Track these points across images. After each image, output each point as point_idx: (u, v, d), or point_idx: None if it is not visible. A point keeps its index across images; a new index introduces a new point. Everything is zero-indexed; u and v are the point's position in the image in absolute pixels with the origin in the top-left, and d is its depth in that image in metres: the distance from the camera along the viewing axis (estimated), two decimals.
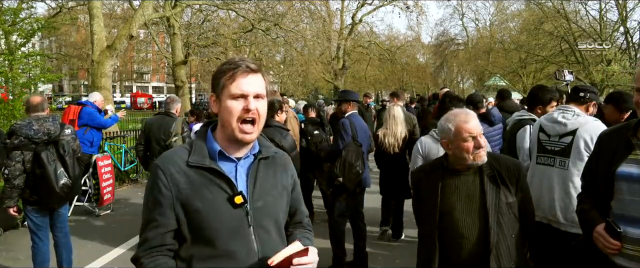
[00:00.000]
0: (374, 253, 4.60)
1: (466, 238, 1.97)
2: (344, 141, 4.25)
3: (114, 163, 7.83)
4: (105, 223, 6.13)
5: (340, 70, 29.20)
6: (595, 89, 3.16)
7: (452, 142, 2.04)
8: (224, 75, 1.38)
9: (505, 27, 36.14)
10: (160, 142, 4.95)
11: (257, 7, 18.29)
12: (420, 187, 2.20)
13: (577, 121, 2.69)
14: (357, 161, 4.19)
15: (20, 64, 10.16)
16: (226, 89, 1.37)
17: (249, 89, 1.37)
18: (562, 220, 2.66)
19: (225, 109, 1.37)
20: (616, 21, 28.01)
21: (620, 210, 1.78)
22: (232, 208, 1.37)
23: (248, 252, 1.39)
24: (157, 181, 1.38)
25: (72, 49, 31.10)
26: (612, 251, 1.74)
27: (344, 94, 4.79)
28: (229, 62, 1.41)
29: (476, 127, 2.02)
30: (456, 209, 2.01)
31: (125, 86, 58.80)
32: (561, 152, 2.72)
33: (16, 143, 3.56)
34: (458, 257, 2.01)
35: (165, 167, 1.38)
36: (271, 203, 1.46)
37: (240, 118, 1.36)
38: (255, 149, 1.48)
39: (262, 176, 1.46)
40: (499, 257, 1.92)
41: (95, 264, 4.58)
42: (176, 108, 5.22)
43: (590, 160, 2.03)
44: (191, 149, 1.42)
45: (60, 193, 3.66)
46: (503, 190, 1.97)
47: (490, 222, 1.92)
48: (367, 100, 11.52)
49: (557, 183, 2.69)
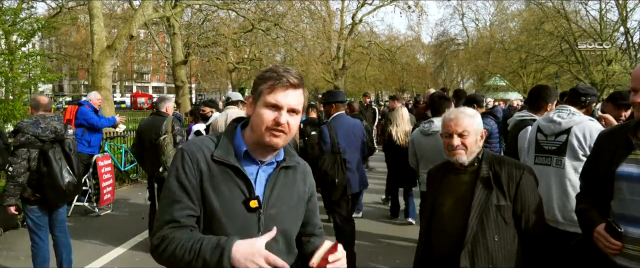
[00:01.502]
0: (375, 253, 4.60)
1: (449, 234, 2.00)
2: (322, 151, 4.23)
3: (114, 163, 7.83)
4: (105, 223, 6.13)
5: (340, 70, 29.19)
6: (595, 90, 3.14)
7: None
8: (265, 83, 1.40)
9: (505, 27, 36.16)
10: (152, 141, 4.94)
11: (257, 7, 18.30)
12: (428, 184, 2.27)
13: (571, 120, 2.71)
14: (332, 170, 4.14)
15: (21, 64, 10.16)
16: (263, 97, 1.40)
17: (286, 102, 1.39)
18: (560, 219, 2.67)
19: (258, 115, 1.40)
20: (616, 21, 28.06)
21: (620, 210, 1.77)
22: (246, 211, 1.39)
23: None
24: (184, 165, 1.39)
25: (72, 49, 31.08)
26: (612, 251, 1.74)
27: (328, 96, 4.64)
28: (274, 70, 1.43)
29: (457, 125, 2.04)
30: (445, 206, 2.05)
31: (126, 86, 58.79)
32: (557, 150, 2.73)
33: (23, 140, 3.56)
34: (440, 252, 2.05)
35: (192, 154, 1.40)
36: (284, 212, 1.47)
37: (268, 128, 1.38)
38: (279, 156, 1.49)
39: (281, 184, 1.47)
40: (473, 255, 1.91)
41: (95, 264, 4.58)
42: (166, 107, 5.18)
43: (589, 159, 2.03)
44: (217, 143, 1.43)
45: (66, 191, 3.68)
46: (495, 193, 1.95)
47: (470, 219, 1.92)
48: (366, 100, 11.57)
49: (554, 182, 2.70)
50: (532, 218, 1.98)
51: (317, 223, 1.66)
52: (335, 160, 4.17)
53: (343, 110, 4.52)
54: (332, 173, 4.13)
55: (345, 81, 31.74)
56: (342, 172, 4.17)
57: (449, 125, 2.06)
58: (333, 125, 4.30)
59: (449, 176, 2.11)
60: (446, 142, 2.07)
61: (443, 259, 2.03)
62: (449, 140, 2.06)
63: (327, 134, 4.24)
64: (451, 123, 2.06)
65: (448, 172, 2.12)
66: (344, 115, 4.52)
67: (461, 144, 2.02)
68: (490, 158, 2.05)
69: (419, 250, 2.18)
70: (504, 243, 1.94)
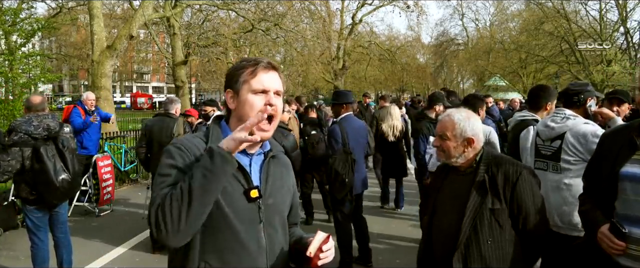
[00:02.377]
0: (375, 253, 4.60)
1: (446, 235, 2.01)
2: (334, 149, 4.23)
3: (114, 163, 7.82)
4: (105, 223, 6.12)
5: (340, 70, 29.20)
6: (587, 84, 3.02)
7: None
8: (245, 71, 1.41)
9: (505, 27, 36.17)
10: (163, 144, 4.93)
11: (257, 7, 18.28)
12: (430, 182, 2.33)
13: (564, 124, 2.69)
14: (343, 169, 4.17)
15: (21, 64, 10.17)
16: (247, 84, 1.40)
17: (271, 85, 1.41)
18: (559, 223, 2.66)
19: (246, 103, 1.40)
20: (616, 21, 28.06)
21: (624, 211, 1.77)
22: (246, 202, 1.39)
23: (257, 248, 1.41)
24: (176, 154, 1.35)
25: (72, 49, 31.04)
26: (616, 252, 1.73)
27: (337, 96, 4.64)
28: (248, 59, 1.45)
29: (444, 127, 2.05)
30: (443, 207, 2.07)
31: (125, 86, 58.79)
32: (552, 156, 2.73)
33: (15, 139, 3.55)
34: (438, 252, 2.07)
35: (185, 146, 1.37)
36: (280, 201, 1.50)
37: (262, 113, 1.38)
38: (266, 147, 1.51)
39: (273, 174, 1.49)
40: (467, 258, 1.92)
41: (95, 264, 4.58)
42: (176, 108, 5.19)
43: (592, 160, 2.02)
44: (208, 139, 1.42)
45: (60, 189, 3.65)
46: (490, 196, 1.94)
47: (462, 223, 1.93)
48: (366, 100, 11.54)
49: (552, 187, 2.70)
50: (531, 218, 1.95)
51: (298, 213, 1.72)
52: (346, 160, 4.19)
53: (351, 111, 4.54)
54: (343, 173, 4.16)
55: (345, 81, 31.72)
56: (352, 172, 4.21)
57: (438, 126, 2.10)
58: (343, 126, 4.31)
59: (451, 176, 2.11)
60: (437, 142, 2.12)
61: (441, 258, 2.04)
62: (437, 142, 2.09)
63: (338, 133, 4.25)
64: (439, 123, 2.10)
65: (450, 171, 2.13)
66: (353, 116, 4.54)
67: (439, 146, 2.05)
68: (489, 160, 2.02)
69: (421, 246, 2.20)
70: (498, 245, 1.94)
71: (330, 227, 5.16)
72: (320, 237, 1.43)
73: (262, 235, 1.42)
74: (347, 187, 4.20)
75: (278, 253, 1.46)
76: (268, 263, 1.42)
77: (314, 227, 5.77)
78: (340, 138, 4.23)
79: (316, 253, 1.41)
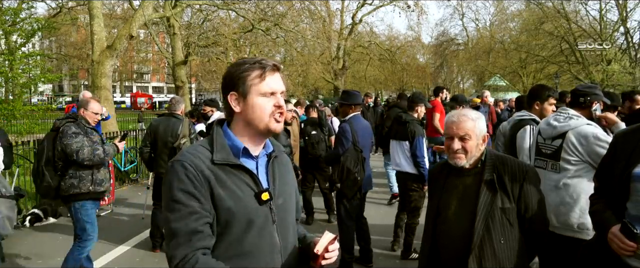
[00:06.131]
0: (375, 254, 4.60)
1: (455, 237, 1.99)
2: (344, 147, 4.24)
3: (114, 163, 7.82)
4: (105, 223, 6.11)
5: (340, 70, 29.24)
6: (597, 87, 3.05)
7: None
8: (251, 74, 1.40)
9: (505, 27, 36.18)
10: (168, 144, 4.91)
11: (257, 7, 18.32)
12: (430, 184, 2.27)
13: (567, 124, 2.67)
14: (355, 167, 4.19)
15: (21, 64, 10.16)
16: (255, 87, 1.40)
17: (278, 87, 1.43)
18: (555, 223, 2.64)
19: (256, 106, 1.40)
20: (616, 21, 28.08)
21: (636, 211, 1.75)
22: (258, 205, 1.39)
23: (272, 249, 1.42)
24: (188, 175, 1.33)
25: (72, 49, 31.08)
26: (627, 252, 1.71)
27: (347, 97, 4.58)
28: (249, 60, 1.44)
29: (459, 128, 1.98)
30: (451, 209, 2.02)
31: (125, 86, 58.76)
32: (552, 155, 2.71)
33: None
34: (446, 255, 2.04)
35: (193, 163, 1.35)
36: (288, 200, 1.52)
37: (272, 114, 1.41)
38: (269, 148, 1.51)
39: (279, 174, 1.50)
40: (481, 259, 1.91)
41: (96, 264, 4.56)
42: (181, 109, 5.19)
43: (604, 160, 2.00)
44: (213, 147, 1.40)
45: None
46: (500, 195, 1.93)
47: (476, 224, 1.91)
48: (367, 100, 11.52)
49: (549, 186, 2.67)
50: (536, 217, 1.97)
51: (299, 208, 1.73)
52: (357, 158, 4.21)
53: (359, 112, 4.54)
54: (355, 171, 4.18)
55: (345, 81, 31.76)
56: (363, 170, 4.24)
57: (451, 128, 2.01)
58: (353, 125, 4.32)
59: (452, 177, 2.07)
60: (447, 144, 2.03)
61: (450, 261, 2.01)
62: (449, 143, 2.01)
63: (349, 131, 4.25)
64: (453, 125, 2.00)
65: (451, 173, 2.09)
66: (360, 116, 4.54)
67: (461, 148, 1.98)
68: (494, 159, 2.02)
69: (424, 250, 2.16)
70: (510, 244, 1.94)
71: (330, 226, 5.17)
72: (328, 237, 1.46)
73: (275, 235, 1.43)
74: (358, 184, 4.23)
75: (291, 251, 1.49)
76: (283, 261, 1.44)
77: (313, 227, 5.78)
78: (350, 137, 4.24)
79: (322, 252, 1.43)
